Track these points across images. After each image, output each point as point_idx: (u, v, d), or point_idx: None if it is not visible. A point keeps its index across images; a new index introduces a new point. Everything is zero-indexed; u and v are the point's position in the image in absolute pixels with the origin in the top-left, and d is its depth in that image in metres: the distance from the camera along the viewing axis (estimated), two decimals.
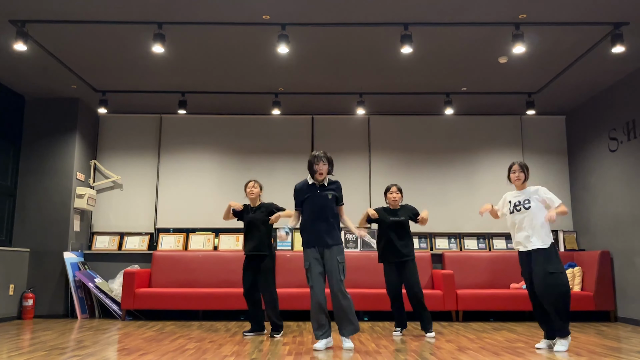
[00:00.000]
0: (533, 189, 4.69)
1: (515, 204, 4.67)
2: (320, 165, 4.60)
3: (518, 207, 4.65)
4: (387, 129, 7.98)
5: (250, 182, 5.57)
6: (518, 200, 4.67)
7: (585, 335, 5.38)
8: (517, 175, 4.71)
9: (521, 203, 4.63)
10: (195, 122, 7.99)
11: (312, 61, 6.13)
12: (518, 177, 4.70)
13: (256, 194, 5.51)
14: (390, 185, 5.54)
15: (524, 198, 4.65)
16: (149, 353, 4.26)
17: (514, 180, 4.73)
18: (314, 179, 4.66)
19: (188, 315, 7.12)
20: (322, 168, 4.60)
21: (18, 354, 4.15)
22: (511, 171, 4.77)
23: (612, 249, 6.78)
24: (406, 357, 4.10)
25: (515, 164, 4.74)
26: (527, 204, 4.60)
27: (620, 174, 6.64)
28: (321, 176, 4.61)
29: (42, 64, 6.20)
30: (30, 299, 6.75)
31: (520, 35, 5.12)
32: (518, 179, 4.71)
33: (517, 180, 4.72)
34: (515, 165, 4.73)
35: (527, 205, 4.59)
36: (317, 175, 4.62)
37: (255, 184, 5.55)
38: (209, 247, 7.59)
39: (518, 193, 4.73)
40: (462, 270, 7.26)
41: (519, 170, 4.72)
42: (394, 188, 5.50)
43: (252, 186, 5.54)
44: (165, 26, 5.26)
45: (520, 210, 4.62)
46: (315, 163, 4.59)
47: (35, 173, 7.24)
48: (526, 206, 4.59)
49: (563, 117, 8.03)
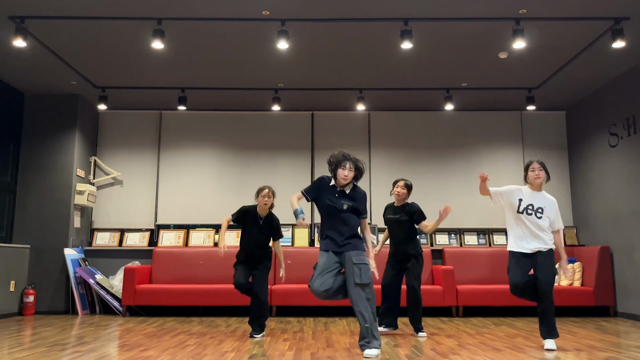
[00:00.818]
0: (550, 199, 4.33)
1: (528, 207, 4.28)
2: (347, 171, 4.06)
3: (530, 211, 4.26)
4: (387, 125, 7.97)
5: (265, 189, 5.04)
6: (532, 204, 4.27)
7: (585, 330, 5.39)
8: (536, 173, 4.31)
9: (534, 209, 4.26)
10: (195, 118, 7.98)
11: (312, 57, 6.12)
12: (538, 175, 4.30)
13: (269, 204, 5.07)
14: (399, 179, 5.24)
15: (538, 205, 4.27)
16: (149, 349, 4.27)
17: (534, 179, 4.31)
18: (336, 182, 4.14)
19: (188, 311, 7.13)
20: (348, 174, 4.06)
21: (19, 350, 4.16)
22: (530, 169, 4.35)
23: (612, 244, 6.78)
24: (407, 353, 4.11)
25: (534, 162, 4.35)
26: (540, 214, 4.25)
27: (620, 169, 6.64)
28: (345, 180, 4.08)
29: (42, 60, 6.19)
30: (31, 295, 6.76)
31: (520, 30, 5.11)
32: (538, 178, 4.30)
33: (537, 179, 4.30)
34: (535, 163, 4.34)
35: (539, 214, 4.25)
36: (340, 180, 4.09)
37: (269, 193, 5.04)
38: (209, 243, 7.60)
39: (533, 194, 4.33)
40: (462, 265, 7.27)
41: (538, 169, 4.32)
42: (400, 182, 5.17)
43: (267, 194, 5.02)
44: (165, 22, 5.25)
45: (531, 215, 4.26)
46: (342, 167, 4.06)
47: (35, 169, 7.24)
48: (538, 215, 4.25)
49: (563, 112, 8.02)
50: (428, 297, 6.61)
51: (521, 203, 4.30)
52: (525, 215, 4.27)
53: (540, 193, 4.34)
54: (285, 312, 7.01)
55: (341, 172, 4.04)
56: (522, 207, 4.29)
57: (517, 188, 4.40)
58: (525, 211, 4.28)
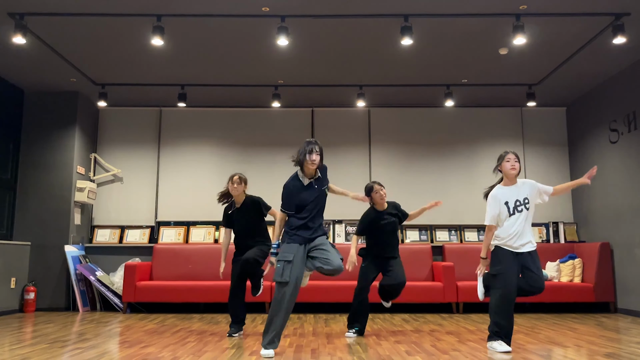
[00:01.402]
0: (527, 183, 4.14)
1: (516, 204, 4.07)
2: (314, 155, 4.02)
3: (519, 207, 4.07)
4: (388, 121, 7.97)
5: (235, 176, 4.95)
6: (517, 200, 4.08)
7: (585, 327, 5.39)
8: (512, 164, 4.07)
9: (522, 203, 4.07)
10: (195, 115, 7.98)
11: (311, 53, 6.11)
12: (513, 166, 4.07)
13: (240, 191, 4.96)
14: (372, 183, 4.97)
15: (522, 196, 4.08)
16: (150, 345, 4.27)
17: (509, 169, 4.07)
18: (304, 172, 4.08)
19: (189, 308, 7.14)
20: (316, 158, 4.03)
21: (20, 347, 4.17)
22: (504, 160, 4.11)
23: (613, 240, 6.78)
24: (407, 349, 4.12)
25: (509, 152, 4.12)
26: (527, 204, 4.07)
27: (620, 165, 6.64)
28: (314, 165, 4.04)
29: (41, 57, 6.18)
30: (32, 292, 6.77)
31: (520, 26, 5.10)
32: (514, 169, 4.06)
33: (512, 170, 4.06)
34: (511, 154, 4.11)
35: (527, 205, 4.07)
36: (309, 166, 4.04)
37: (238, 179, 4.94)
38: (210, 240, 7.60)
39: (510, 189, 4.12)
40: (462, 262, 7.27)
41: (514, 159, 4.09)
42: (377, 186, 4.92)
43: (235, 181, 4.93)
44: (164, 18, 5.24)
45: (521, 212, 4.06)
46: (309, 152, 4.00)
47: (36, 166, 7.23)
48: (527, 207, 4.07)
49: (564, 108, 8.01)
50: (428, 294, 6.61)
51: (509, 205, 4.07)
52: (517, 213, 4.07)
53: (515, 185, 4.13)
54: None
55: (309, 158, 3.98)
56: (511, 208, 4.07)
57: (494, 198, 4.13)
58: (516, 210, 4.07)
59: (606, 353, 3.91)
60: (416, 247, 7.28)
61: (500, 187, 4.16)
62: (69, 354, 3.87)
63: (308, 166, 4.02)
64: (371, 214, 4.96)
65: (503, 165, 4.12)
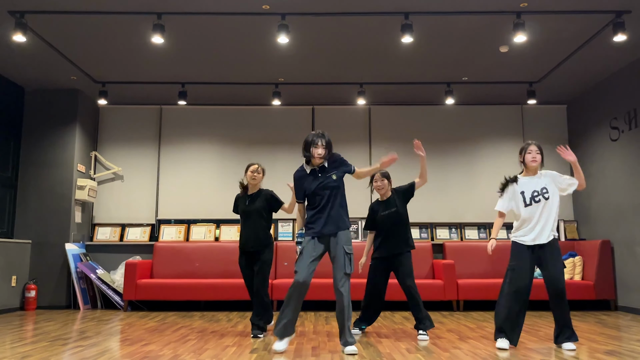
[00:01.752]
0: (549, 173, 4.13)
1: (533, 194, 4.07)
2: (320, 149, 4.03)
3: (537, 197, 4.05)
4: (388, 119, 7.96)
5: (254, 164, 4.88)
6: (535, 190, 4.07)
7: (585, 324, 5.40)
8: (533, 155, 4.09)
9: (540, 193, 4.06)
10: (195, 113, 7.98)
11: (312, 51, 6.10)
12: (535, 158, 4.09)
13: (258, 181, 4.89)
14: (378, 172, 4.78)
15: (541, 186, 4.07)
16: (151, 343, 4.28)
17: (530, 161, 4.10)
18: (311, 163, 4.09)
19: (190, 306, 7.15)
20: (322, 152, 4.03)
21: (21, 345, 4.17)
22: (527, 151, 4.13)
23: (613, 238, 6.79)
24: (407, 347, 4.12)
25: (532, 144, 4.13)
26: (547, 194, 4.05)
27: (621, 163, 6.63)
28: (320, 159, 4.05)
29: (42, 55, 6.18)
30: (33, 290, 6.77)
31: (521, 24, 5.10)
32: (535, 160, 4.08)
33: (533, 161, 4.09)
34: (533, 146, 4.12)
35: (546, 195, 4.05)
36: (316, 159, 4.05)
37: (259, 168, 4.88)
38: (210, 237, 7.61)
39: (530, 179, 4.13)
40: (462, 260, 7.27)
41: (535, 151, 4.10)
42: (376, 175, 4.77)
43: (255, 169, 4.86)
44: (165, 16, 5.24)
45: (539, 202, 4.05)
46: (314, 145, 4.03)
47: (36, 164, 7.24)
48: (545, 196, 4.04)
49: (564, 106, 8.01)
50: (429, 291, 6.62)
51: (525, 195, 4.10)
52: (535, 203, 4.07)
53: (536, 176, 4.14)
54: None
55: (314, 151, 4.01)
56: (527, 198, 4.09)
57: (511, 188, 4.18)
58: (533, 200, 4.07)
59: (606, 351, 3.91)
60: (417, 244, 7.28)
61: (518, 179, 4.19)
62: (70, 352, 3.88)
63: (315, 160, 4.05)
64: (373, 205, 4.86)
65: (525, 157, 4.14)
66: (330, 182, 4.03)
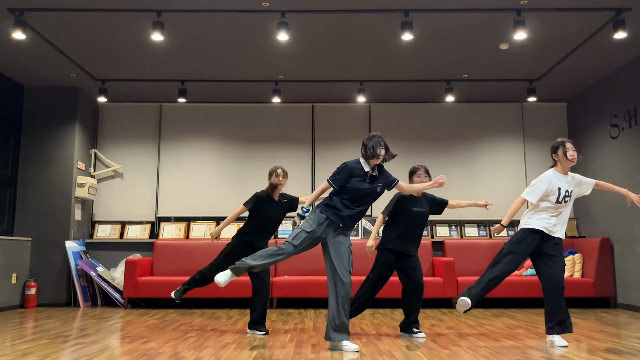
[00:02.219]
0: (577, 178, 4.13)
1: (565, 194, 4.04)
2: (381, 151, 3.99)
3: (567, 198, 4.05)
4: (388, 117, 7.96)
5: (279, 169, 4.83)
6: (567, 190, 4.05)
7: (585, 322, 5.40)
8: (571, 153, 4.02)
9: (569, 194, 4.05)
10: (195, 110, 7.97)
11: (312, 49, 6.10)
12: (573, 156, 4.02)
13: (284, 184, 4.85)
14: (418, 166, 4.68)
15: (570, 188, 4.07)
16: (151, 340, 4.28)
17: (570, 159, 4.02)
18: (369, 164, 4.02)
19: (190, 304, 7.15)
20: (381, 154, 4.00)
21: (21, 342, 4.18)
22: (565, 148, 4.03)
23: (613, 235, 6.79)
24: (407, 344, 4.13)
25: (568, 141, 4.06)
26: (569, 197, 4.06)
27: (621, 160, 6.63)
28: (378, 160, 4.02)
29: (41, 52, 6.17)
30: (33, 288, 6.78)
31: (521, 21, 5.09)
32: (573, 159, 4.02)
33: (572, 160, 4.02)
34: (570, 143, 4.04)
35: (568, 199, 4.06)
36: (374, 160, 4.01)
37: (283, 172, 4.84)
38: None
39: (564, 178, 4.09)
40: (462, 257, 7.28)
41: (572, 149, 4.03)
42: (421, 171, 4.64)
43: (281, 174, 4.81)
44: (164, 14, 5.23)
45: (567, 202, 4.06)
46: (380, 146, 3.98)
47: (36, 162, 7.24)
48: (567, 200, 4.07)
49: (564, 104, 8.00)
50: (429, 289, 6.62)
51: (560, 192, 4.04)
52: (563, 203, 4.05)
53: (568, 176, 4.12)
54: (286, 304, 7.03)
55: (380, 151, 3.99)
56: (561, 196, 4.04)
57: (549, 178, 4.07)
58: (564, 200, 4.05)
59: (606, 348, 3.92)
60: None
61: (555, 172, 4.10)
62: (70, 349, 3.88)
63: (374, 160, 4.02)
64: (406, 197, 4.58)
65: (567, 154, 4.03)
66: (375, 193, 4.01)
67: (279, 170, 4.81)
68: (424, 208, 4.60)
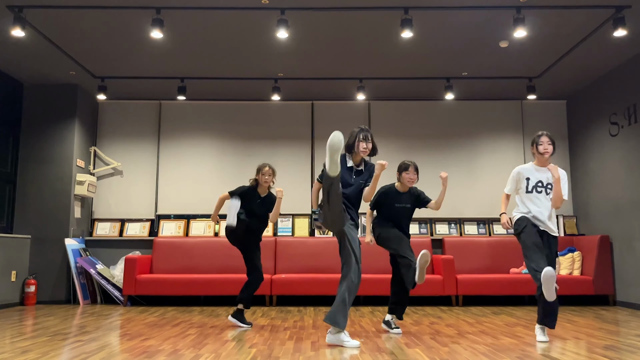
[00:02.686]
0: (561, 172, 4.17)
1: (537, 184, 4.16)
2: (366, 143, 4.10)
3: (539, 188, 4.16)
4: (388, 115, 7.96)
5: (266, 167, 4.96)
6: (540, 181, 4.17)
7: (584, 319, 5.41)
8: (545, 147, 4.16)
9: (544, 185, 4.16)
10: (194, 108, 7.97)
11: (311, 46, 6.09)
12: (546, 149, 4.16)
13: (270, 183, 5.00)
14: (407, 162, 4.72)
15: (547, 181, 4.17)
16: (150, 338, 4.29)
17: (542, 151, 4.17)
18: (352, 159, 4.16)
19: (189, 301, 7.16)
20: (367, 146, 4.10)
21: (21, 340, 4.18)
22: (539, 142, 4.20)
23: (612, 233, 6.79)
24: (406, 342, 4.13)
25: (544, 134, 4.20)
26: (550, 188, 4.16)
27: (620, 158, 6.63)
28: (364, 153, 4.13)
29: (40, 50, 6.16)
30: (32, 285, 6.78)
31: (521, 19, 5.08)
32: (547, 152, 4.16)
33: (545, 152, 4.16)
34: (544, 137, 4.18)
35: (549, 189, 4.16)
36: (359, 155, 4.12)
37: (270, 171, 4.97)
38: (210, 233, 7.61)
39: (537, 169, 4.22)
40: (462, 255, 7.28)
41: (547, 142, 4.17)
42: (411, 167, 4.68)
43: (267, 172, 4.95)
44: (164, 11, 5.22)
45: (541, 192, 4.16)
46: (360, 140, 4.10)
47: (35, 160, 7.23)
48: (548, 191, 4.16)
49: (564, 101, 8.00)
50: (428, 287, 6.63)
51: (529, 182, 4.20)
52: (536, 193, 4.17)
53: (545, 169, 4.22)
54: (286, 301, 7.03)
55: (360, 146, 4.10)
56: (530, 185, 4.19)
57: (518, 171, 4.30)
58: (535, 189, 4.17)
59: (605, 345, 3.92)
60: (416, 240, 7.28)
61: (530, 164, 4.31)
62: (69, 347, 3.89)
63: (357, 153, 4.10)
64: (390, 192, 4.74)
65: (537, 147, 4.22)
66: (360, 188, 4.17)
67: (266, 169, 4.96)
68: (407, 204, 4.73)
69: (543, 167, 4.25)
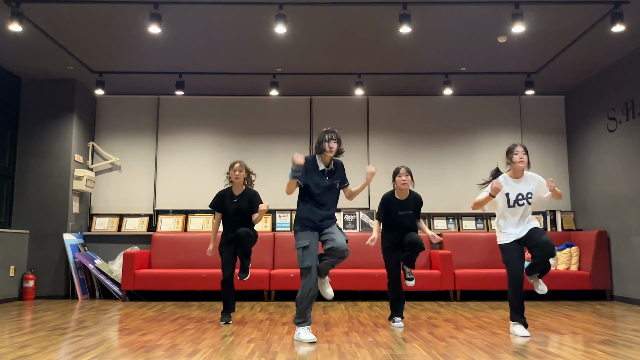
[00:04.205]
0: (536, 179, 4.25)
1: (518, 198, 4.20)
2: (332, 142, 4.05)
3: (521, 201, 4.20)
4: (386, 110, 7.95)
5: (236, 163, 4.91)
6: (520, 194, 4.21)
7: (581, 314, 5.43)
8: (520, 157, 4.18)
9: (524, 197, 4.20)
10: (193, 103, 7.95)
11: (310, 41, 6.08)
12: (522, 158, 4.18)
13: (241, 179, 4.92)
14: (399, 167, 4.71)
15: (526, 191, 4.21)
16: (149, 333, 4.30)
17: (518, 161, 4.18)
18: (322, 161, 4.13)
19: (188, 296, 7.17)
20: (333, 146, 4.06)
21: (20, 334, 4.19)
22: (514, 152, 4.21)
23: (609, 228, 6.81)
24: (404, 337, 4.15)
25: (518, 145, 4.23)
26: (530, 197, 4.21)
27: (618, 154, 6.64)
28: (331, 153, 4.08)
29: (38, 45, 6.14)
30: (31, 280, 6.79)
31: (519, 14, 5.08)
32: (522, 162, 4.18)
33: (520, 162, 4.18)
34: (519, 147, 4.22)
35: (529, 199, 4.20)
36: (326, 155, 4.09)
37: (240, 167, 4.90)
38: (208, 228, 7.61)
39: (516, 182, 4.24)
40: (460, 250, 7.30)
41: (522, 152, 4.20)
42: (403, 169, 4.66)
43: (237, 168, 4.88)
44: (162, 6, 5.20)
45: (522, 205, 4.20)
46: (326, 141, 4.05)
47: (33, 155, 7.22)
48: (529, 201, 4.21)
49: (562, 97, 8.00)
50: (426, 282, 6.65)
51: (509, 197, 4.22)
52: (517, 206, 4.22)
53: (522, 178, 4.26)
54: (284, 296, 7.04)
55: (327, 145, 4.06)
56: (511, 200, 4.21)
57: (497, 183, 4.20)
58: (517, 203, 4.21)
59: (602, 340, 3.94)
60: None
61: (506, 177, 4.28)
62: (68, 342, 3.90)
63: (326, 154, 4.10)
64: (389, 200, 4.72)
65: (513, 157, 4.23)
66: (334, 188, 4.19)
67: (237, 165, 4.93)
68: (409, 210, 4.74)
69: (518, 177, 4.26)
